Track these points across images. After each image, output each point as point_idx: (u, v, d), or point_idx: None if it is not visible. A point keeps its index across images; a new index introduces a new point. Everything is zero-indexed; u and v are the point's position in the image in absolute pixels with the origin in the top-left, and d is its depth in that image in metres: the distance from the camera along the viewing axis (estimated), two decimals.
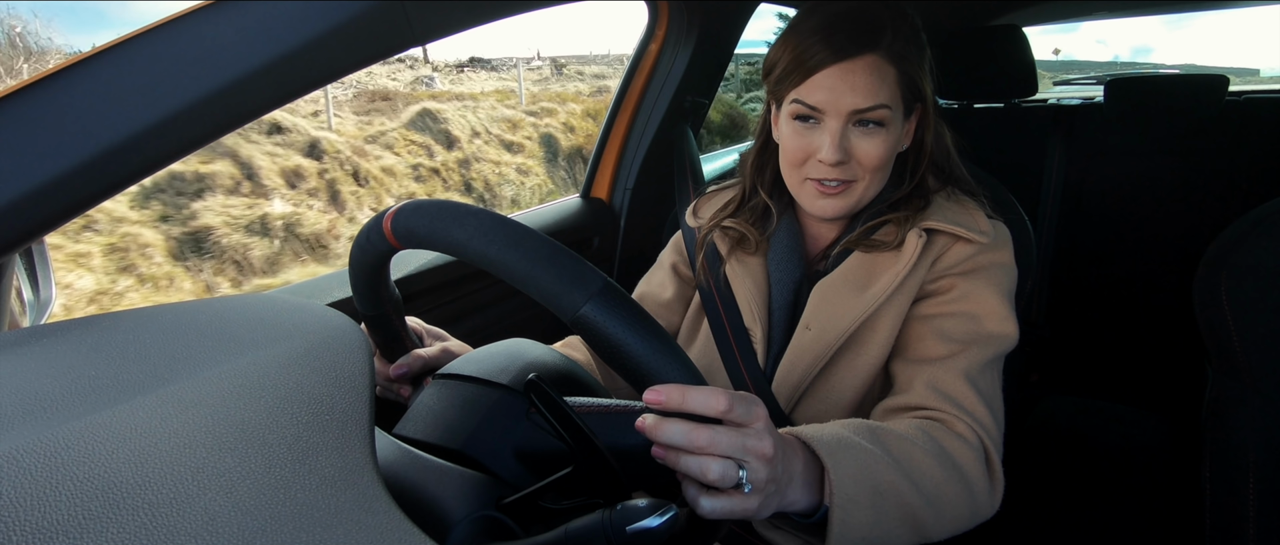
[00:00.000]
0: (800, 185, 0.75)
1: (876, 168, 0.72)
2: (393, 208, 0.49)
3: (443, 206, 0.46)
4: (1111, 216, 1.81)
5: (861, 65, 0.68)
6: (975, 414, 0.66)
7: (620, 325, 0.41)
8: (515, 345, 0.57)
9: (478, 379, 0.52)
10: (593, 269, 0.42)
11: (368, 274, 0.55)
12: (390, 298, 0.60)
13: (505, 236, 0.43)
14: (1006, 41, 1.70)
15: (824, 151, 0.70)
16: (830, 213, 0.74)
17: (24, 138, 0.47)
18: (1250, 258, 0.68)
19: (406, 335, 0.66)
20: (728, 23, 1.31)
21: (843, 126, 0.69)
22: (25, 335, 0.43)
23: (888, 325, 0.72)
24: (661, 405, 0.43)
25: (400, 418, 0.53)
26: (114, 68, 0.50)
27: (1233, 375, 0.71)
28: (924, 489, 0.58)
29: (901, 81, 0.70)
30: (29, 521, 0.27)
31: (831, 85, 0.68)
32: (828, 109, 0.69)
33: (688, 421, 0.43)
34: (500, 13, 0.73)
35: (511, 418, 0.49)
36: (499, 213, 0.45)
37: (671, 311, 0.90)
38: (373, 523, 0.30)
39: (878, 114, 0.69)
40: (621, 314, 0.41)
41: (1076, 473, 1.39)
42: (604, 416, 0.48)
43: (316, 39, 0.55)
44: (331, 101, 6.80)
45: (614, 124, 1.35)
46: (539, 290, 0.41)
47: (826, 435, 0.56)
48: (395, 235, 0.48)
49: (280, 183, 5.46)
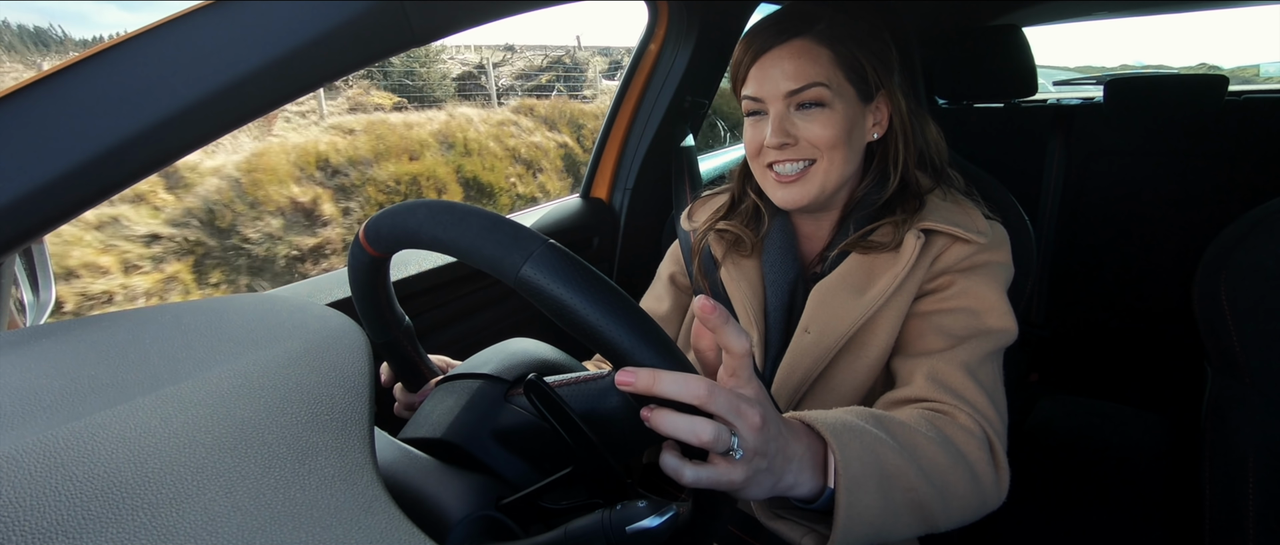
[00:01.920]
0: (764, 177, 0.77)
1: (829, 146, 0.73)
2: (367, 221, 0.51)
3: (404, 205, 0.47)
4: (1111, 216, 1.81)
5: (791, 49, 0.72)
6: (976, 404, 0.66)
7: (561, 283, 0.39)
8: (514, 343, 0.58)
9: (466, 374, 0.53)
10: (535, 234, 0.41)
11: (365, 292, 0.56)
12: (397, 322, 0.60)
13: (450, 216, 0.43)
14: (1006, 41, 1.70)
15: (768, 136, 0.73)
16: (794, 202, 0.75)
17: (24, 138, 0.47)
18: (1250, 258, 0.68)
19: (423, 361, 0.66)
20: (728, 23, 1.31)
21: (782, 110, 0.73)
22: (25, 335, 0.43)
23: (887, 327, 0.72)
24: (631, 389, 0.40)
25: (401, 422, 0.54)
26: (114, 68, 0.50)
27: (1233, 375, 0.71)
28: (931, 476, 0.57)
29: (840, 63, 0.72)
30: (29, 521, 0.27)
31: (765, 73, 0.73)
32: (766, 95, 0.73)
33: (681, 373, 0.40)
34: (500, 13, 0.73)
35: (488, 403, 0.50)
36: (445, 199, 0.46)
37: (670, 323, 0.90)
38: (372, 523, 0.30)
39: (812, 93, 0.72)
40: (562, 272, 0.39)
41: (1076, 473, 1.39)
42: (575, 388, 0.48)
43: (316, 39, 0.55)
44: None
45: (614, 124, 1.35)
46: (483, 259, 0.41)
47: (831, 418, 0.55)
48: (369, 242, 0.49)
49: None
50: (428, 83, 7.87)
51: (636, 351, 0.40)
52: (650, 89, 1.31)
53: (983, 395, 0.67)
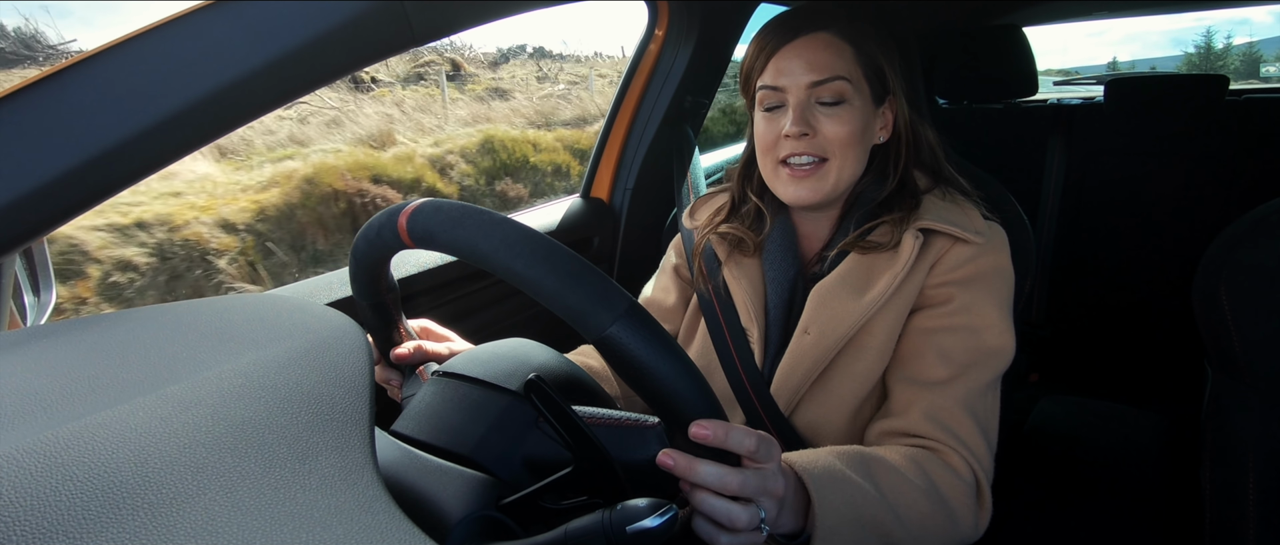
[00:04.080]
0: (775, 174, 0.77)
1: (845, 146, 0.73)
2: (408, 205, 0.49)
3: (465, 212, 0.46)
4: (1111, 216, 1.81)
5: (815, 41, 0.73)
6: (971, 445, 0.68)
7: (645, 347, 0.42)
8: (518, 347, 0.56)
9: (485, 382, 0.51)
10: (618, 289, 0.43)
11: (372, 267, 0.55)
12: (390, 287, 0.60)
13: (531, 252, 0.42)
14: (1006, 41, 1.70)
15: (788, 124, 0.73)
16: (805, 198, 0.75)
17: (24, 138, 0.47)
18: (1250, 258, 0.68)
19: (403, 325, 0.66)
20: (728, 23, 1.31)
21: (805, 100, 0.73)
22: (25, 335, 0.43)
23: (886, 329, 0.72)
24: (706, 440, 0.44)
25: (397, 415, 0.53)
26: (114, 68, 0.50)
27: (1233, 375, 0.71)
28: (908, 523, 0.61)
29: (860, 60, 0.73)
30: (29, 521, 0.27)
31: (788, 64, 0.73)
32: (788, 85, 0.73)
33: (720, 464, 0.45)
34: (500, 12, 0.73)
35: (521, 424, 0.49)
36: (519, 220, 0.44)
37: (676, 314, 0.91)
38: (373, 523, 0.30)
39: (835, 86, 0.72)
40: (646, 336, 0.42)
41: (1076, 472, 1.39)
42: (615, 429, 0.48)
43: (316, 39, 0.55)
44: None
45: (614, 124, 1.35)
46: (564, 308, 0.42)
47: (819, 467, 0.57)
48: (411, 235, 0.48)
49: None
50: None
51: (696, 404, 0.45)
52: (650, 89, 1.31)
53: (978, 433, 0.68)
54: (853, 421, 0.74)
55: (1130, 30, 59.89)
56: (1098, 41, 53.27)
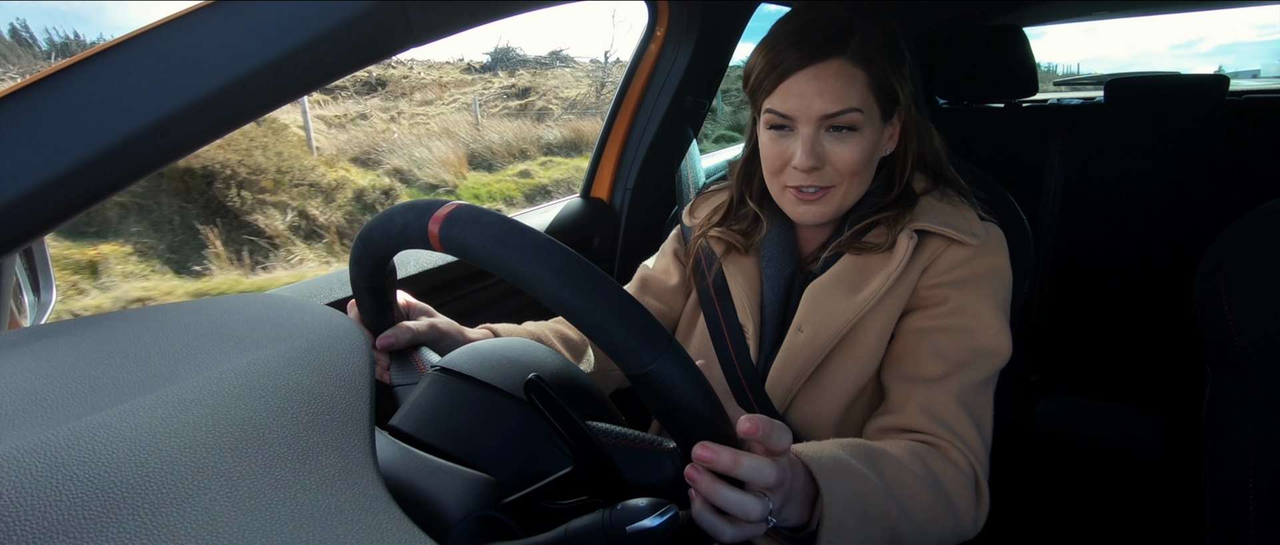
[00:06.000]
0: (781, 193, 0.76)
1: (853, 173, 0.72)
2: (439, 208, 0.46)
3: (507, 229, 0.44)
4: (1111, 216, 1.81)
5: (828, 70, 0.68)
6: (968, 440, 0.68)
7: (686, 385, 0.43)
8: (522, 350, 0.56)
9: (495, 388, 0.51)
10: (660, 327, 0.43)
11: (383, 257, 0.54)
12: (391, 270, 0.60)
13: (579, 281, 0.42)
14: (1006, 41, 1.69)
15: (797, 157, 0.71)
16: (811, 219, 0.75)
17: (24, 138, 0.47)
18: (1250, 258, 0.68)
19: (396, 307, 0.66)
20: (728, 23, 1.31)
21: (814, 132, 0.70)
22: (25, 335, 0.43)
23: (878, 328, 0.73)
24: (711, 464, 0.45)
25: (394, 410, 0.53)
26: (114, 68, 0.50)
27: (1233, 375, 0.71)
28: (912, 514, 0.60)
29: (872, 84, 0.70)
30: (29, 521, 0.27)
31: (800, 92, 0.69)
32: (799, 115, 0.70)
33: (739, 491, 0.47)
34: (501, 12, 0.73)
35: (536, 439, 0.49)
36: (560, 243, 0.44)
37: (675, 297, 0.91)
38: (373, 522, 0.30)
39: (848, 118, 0.70)
40: (686, 376, 0.43)
41: (1076, 472, 1.39)
42: (629, 451, 0.49)
43: (316, 39, 0.55)
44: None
45: (614, 124, 1.35)
46: (608, 341, 0.42)
47: (825, 457, 0.57)
48: (443, 243, 0.46)
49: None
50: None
51: (722, 439, 0.47)
52: (650, 89, 1.31)
53: (973, 428, 0.68)
54: (845, 418, 0.74)
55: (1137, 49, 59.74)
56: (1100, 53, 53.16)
